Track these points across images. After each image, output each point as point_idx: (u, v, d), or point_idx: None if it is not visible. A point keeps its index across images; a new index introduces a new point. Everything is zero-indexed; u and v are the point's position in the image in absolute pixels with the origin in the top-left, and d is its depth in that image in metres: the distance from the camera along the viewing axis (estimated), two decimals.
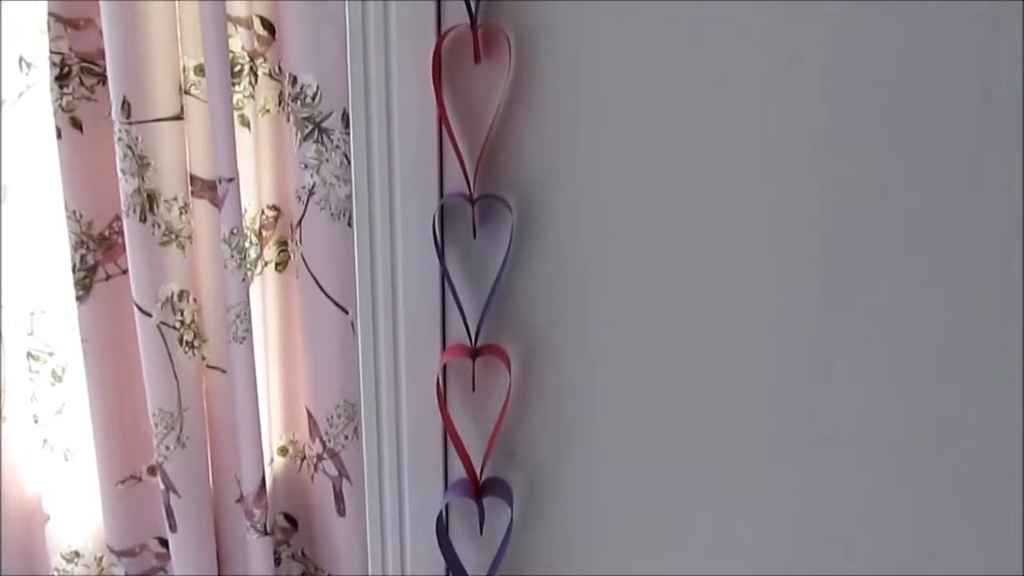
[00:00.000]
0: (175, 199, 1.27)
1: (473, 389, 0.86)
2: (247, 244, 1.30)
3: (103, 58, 1.23)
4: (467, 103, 0.81)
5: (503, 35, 0.79)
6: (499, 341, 0.86)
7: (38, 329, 1.33)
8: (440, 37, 0.79)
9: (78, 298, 1.28)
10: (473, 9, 0.78)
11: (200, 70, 1.24)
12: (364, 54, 0.82)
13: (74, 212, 1.27)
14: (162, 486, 1.35)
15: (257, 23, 1.26)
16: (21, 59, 1.27)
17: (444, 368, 0.86)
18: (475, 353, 0.85)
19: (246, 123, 1.28)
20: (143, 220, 1.24)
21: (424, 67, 0.80)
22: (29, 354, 1.34)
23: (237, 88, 1.26)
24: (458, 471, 0.88)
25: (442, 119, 0.81)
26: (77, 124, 1.25)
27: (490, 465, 0.88)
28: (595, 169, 0.81)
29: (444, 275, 0.84)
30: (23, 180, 1.30)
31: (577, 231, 0.82)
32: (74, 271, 1.28)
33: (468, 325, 0.84)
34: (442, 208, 0.83)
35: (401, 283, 0.85)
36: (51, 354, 1.35)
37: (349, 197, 1.26)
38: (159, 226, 1.26)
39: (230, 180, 1.23)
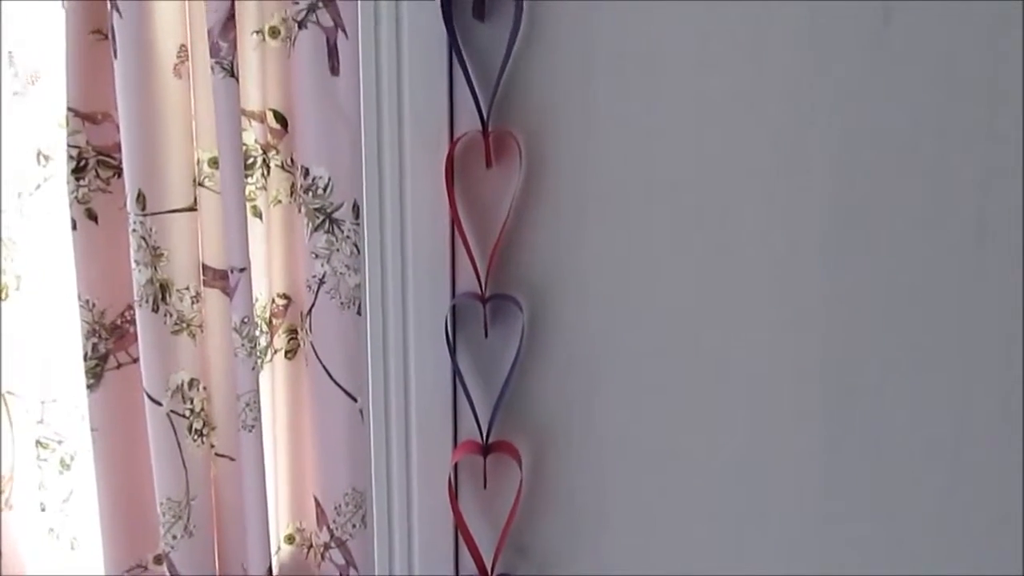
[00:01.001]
0: (187, 288, 1.29)
1: (484, 486, 0.87)
2: (257, 332, 1.31)
3: (119, 151, 1.26)
4: (479, 205, 0.84)
5: (513, 140, 0.82)
6: (510, 438, 0.87)
7: (48, 417, 1.35)
8: (453, 143, 0.82)
9: (89, 386, 1.30)
10: (485, 115, 0.81)
11: (214, 162, 1.28)
12: (379, 158, 0.85)
13: (87, 301, 1.29)
14: (168, 575, 1.34)
15: (270, 116, 1.30)
16: (39, 152, 1.31)
17: (455, 464, 0.87)
18: (486, 450, 0.86)
19: (258, 213, 1.31)
20: (155, 310, 1.26)
21: (437, 171, 0.83)
22: (38, 442, 1.35)
23: (250, 180, 1.29)
24: (469, 567, 0.89)
25: (455, 221, 0.83)
26: (92, 215, 1.28)
27: (501, 561, 0.88)
28: (604, 270, 0.83)
29: (456, 373, 0.85)
30: (38, 270, 1.33)
31: (587, 331, 0.84)
32: (85, 359, 1.30)
33: (479, 422, 0.86)
34: (454, 307, 0.85)
35: (414, 381, 0.87)
36: (60, 442, 1.36)
37: (359, 286, 1.28)
38: (171, 315, 1.28)
39: (242, 270, 1.25)
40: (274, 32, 1.29)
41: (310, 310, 1.32)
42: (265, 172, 1.31)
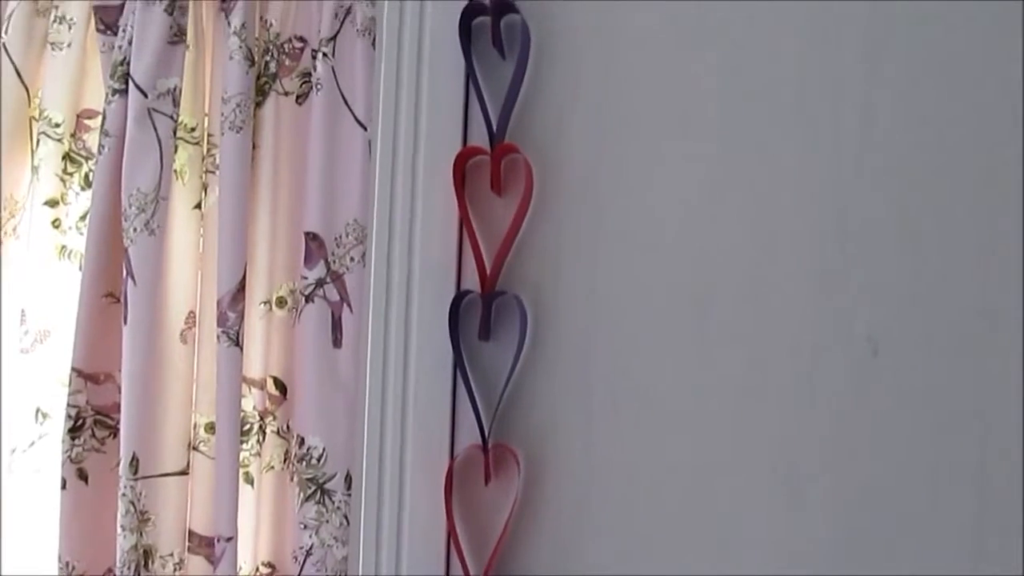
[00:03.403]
0: (171, 555, 1.29)
1: None
2: None
3: (118, 411, 1.30)
4: (476, 518, 0.86)
5: (513, 457, 0.85)
6: None
7: None
8: (452, 460, 0.85)
9: None
10: (486, 431, 0.85)
11: (210, 428, 1.31)
12: (380, 456, 0.88)
13: (67, 564, 1.29)
14: None
15: (270, 383, 1.34)
16: (38, 410, 1.33)
17: None
18: None
19: (250, 480, 1.33)
20: None
21: (436, 483, 0.85)
22: None
23: (245, 446, 1.31)
24: None
25: (451, 534, 0.85)
26: (83, 475, 1.30)
27: None
28: None
29: None
30: (19, 530, 1.32)
31: None
32: None
33: None
34: None
35: None
36: None
37: (346, 559, 1.28)
38: None
39: (228, 539, 1.25)
40: (281, 302, 1.35)
41: None
42: (260, 438, 1.34)
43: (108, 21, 1.33)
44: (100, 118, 1.33)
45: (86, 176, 1.35)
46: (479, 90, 0.86)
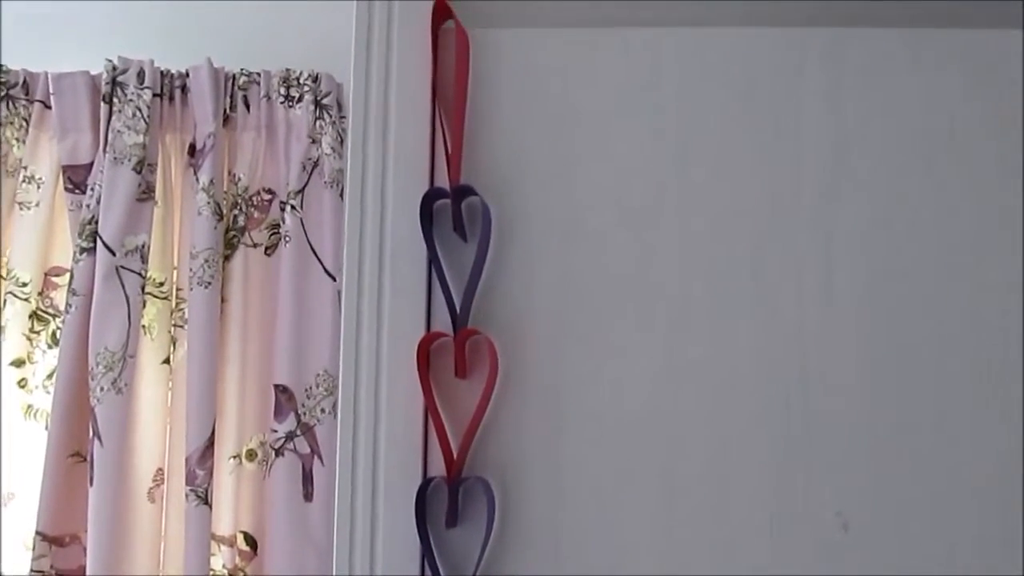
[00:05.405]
0: None
1: None
2: None
3: (83, 574, 1.26)
4: None
5: None
6: None
7: None
8: None
9: None
10: None
11: None
12: None
13: None
14: None
15: (240, 539, 1.32)
16: None
17: None
18: None
19: None
20: None
21: None
22: None
23: None
24: None
25: None
26: None
27: None
28: None
29: None
30: None
31: None
32: None
33: None
34: None
35: None
36: None
37: None
38: None
39: None
40: (251, 455, 1.34)
41: None
42: None
43: (76, 180, 1.34)
44: (68, 276, 1.32)
45: (53, 334, 1.35)
46: (441, 274, 0.87)
